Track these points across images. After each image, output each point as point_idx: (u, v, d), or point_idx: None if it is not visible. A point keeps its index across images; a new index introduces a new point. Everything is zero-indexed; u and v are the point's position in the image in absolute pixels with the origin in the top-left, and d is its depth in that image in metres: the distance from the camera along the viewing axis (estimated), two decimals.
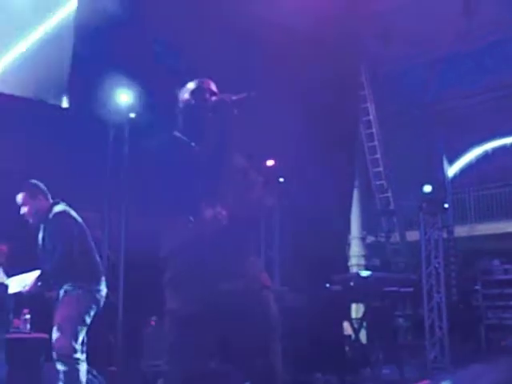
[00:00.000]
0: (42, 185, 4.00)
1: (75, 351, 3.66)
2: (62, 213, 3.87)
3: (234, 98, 2.26)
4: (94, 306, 3.82)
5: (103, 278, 3.95)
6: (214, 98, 2.32)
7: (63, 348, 3.64)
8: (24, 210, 3.90)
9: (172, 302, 2.18)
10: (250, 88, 2.34)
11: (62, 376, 3.63)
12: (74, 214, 3.96)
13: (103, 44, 6.87)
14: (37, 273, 3.81)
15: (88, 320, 3.78)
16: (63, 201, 4.01)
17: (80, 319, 3.73)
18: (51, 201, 3.95)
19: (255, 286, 2.24)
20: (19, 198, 3.91)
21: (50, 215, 3.85)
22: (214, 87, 2.42)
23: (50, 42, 7.00)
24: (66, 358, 3.63)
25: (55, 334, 3.68)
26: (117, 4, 6.78)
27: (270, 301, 2.28)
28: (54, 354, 3.66)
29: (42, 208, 3.89)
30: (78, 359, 3.67)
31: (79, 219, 3.97)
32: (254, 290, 2.23)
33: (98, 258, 4.02)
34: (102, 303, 3.89)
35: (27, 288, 3.80)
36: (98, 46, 6.85)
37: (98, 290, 3.86)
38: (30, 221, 3.92)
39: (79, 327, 3.72)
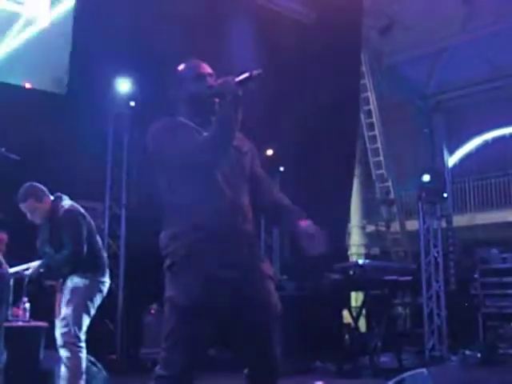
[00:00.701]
0: (39, 185, 3.96)
1: (79, 339, 3.71)
2: (72, 210, 3.88)
3: (237, 79, 2.17)
4: (98, 297, 3.86)
5: (107, 270, 3.98)
6: (217, 82, 2.24)
7: (68, 336, 3.68)
8: (33, 215, 3.88)
9: (171, 289, 2.16)
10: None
11: (64, 362, 3.68)
12: (79, 208, 3.97)
13: (103, 32, 6.85)
14: (39, 262, 3.84)
15: (92, 310, 3.83)
16: (62, 193, 4.02)
17: (85, 309, 3.77)
18: (52, 197, 3.95)
19: (256, 275, 2.23)
20: (26, 206, 3.86)
21: (59, 213, 3.85)
22: (209, 69, 2.36)
23: (50, 31, 6.98)
24: (70, 345, 3.68)
25: (60, 322, 3.72)
26: None
27: (271, 290, 2.26)
28: (58, 341, 3.70)
29: (47, 207, 3.90)
30: (81, 347, 3.72)
31: (85, 212, 3.98)
32: (254, 278, 2.21)
33: (103, 251, 4.05)
34: (105, 294, 3.92)
35: (28, 272, 3.82)
36: (97, 35, 6.83)
37: (103, 282, 3.90)
38: (38, 222, 3.93)
39: (84, 316, 3.76)
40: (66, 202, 3.93)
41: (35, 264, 3.86)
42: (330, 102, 9.02)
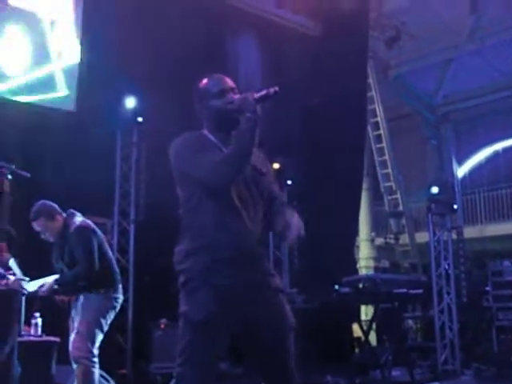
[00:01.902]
0: (51, 203, 4.00)
1: (92, 355, 3.74)
2: (83, 226, 3.91)
3: (256, 95, 2.22)
4: (111, 313, 3.88)
5: (120, 286, 4.00)
6: (237, 98, 2.29)
7: (81, 350, 3.71)
8: (46, 234, 3.92)
9: (185, 304, 2.20)
10: (260, 85, 2.32)
11: (78, 377, 3.70)
12: (91, 223, 3.99)
13: (111, 48, 6.91)
14: (54, 277, 3.86)
15: (105, 326, 3.85)
16: (74, 209, 4.05)
17: (98, 324, 3.79)
18: (64, 214, 3.97)
19: (268, 290, 2.26)
20: (38, 224, 3.90)
21: (71, 229, 3.87)
22: (231, 83, 2.40)
23: None
24: (84, 360, 3.70)
25: (74, 337, 3.74)
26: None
27: (283, 304, 2.30)
28: (72, 356, 3.72)
29: (60, 225, 3.92)
30: (95, 362, 3.74)
31: (96, 228, 4.01)
32: (267, 294, 2.25)
33: (115, 266, 4.06)
34: (117, 310, 3.95)
35: (44, 289, 3.83)
36: (105, 51, 6.89)
37: (116, 298, 3.92)
38: (51, 240, 3.95)
39: (97, 331, 3.78)
40: (78, 219, 3.95)
41: (50, 280, 3.87)
42: (337, 114, 9.03)
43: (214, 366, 2.21)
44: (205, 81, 2.42)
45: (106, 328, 3.87)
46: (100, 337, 3.81)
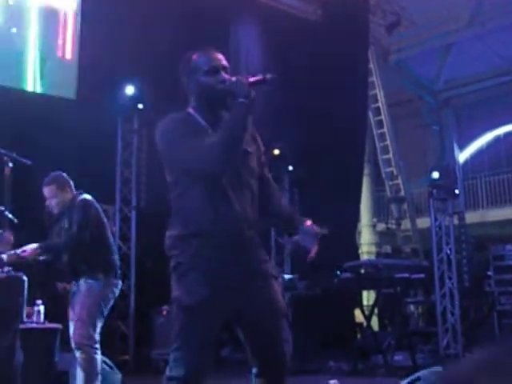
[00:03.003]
0: (67, 177, 4.06)
1: (94, 341, 3.74)
2: (88, 200, 3.96)
3: (250, 79, 2.15)
4: (111, 299, 3.89)
5: (119, 272, 4.01)
6: (231, 80, 2.19)
7: (83, 337, 3.71)
8: (52, 201, 3.95)
9: (176, 289, 2.18)
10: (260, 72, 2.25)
11: (80, 363, 3.71)
12: (95, 203, 4.02)
13: (110, 36, 6.87)
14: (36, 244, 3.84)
15: (105, 311, 3.86)
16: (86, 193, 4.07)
17: (99, 310, 3.80)
18: (75, 191, 4.00)
19: (259, 275, 2.23)
20: (48, 190, 3.94)
21: (75, 202, 3.91)
22: (224, 61, 2.30)
23: None
24: (85, 347, 3.71)
25: (75, 324, 3.75)
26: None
27: (275, 288, 2.27)
28: (73, 343, 3.73)
29: (68, 199, 3.95)
30: (96, 348, 3.76)
31: (100, 209, 4.03)
32: (257, 278, 2.22)
33: (115, 253, 4.07)
34: (116, 295, 3.95)
35: (25, 253, 3.80)
36: (105, 38, 6.86)
37: (116, 284, 3.92)
38: (55, 211, 3.97)
39: (97, 318, 3.79)
40: (85, 195, 3.99)
41: (32, 246, 3.85)
42: (338, 100, 8.99)
43: (209, 349, 2.18)
44: (196, 55, 2.32)
45: (105, 313, 3.87)
46: (100, 323, 3.81)
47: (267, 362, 2.25)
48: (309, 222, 2.33)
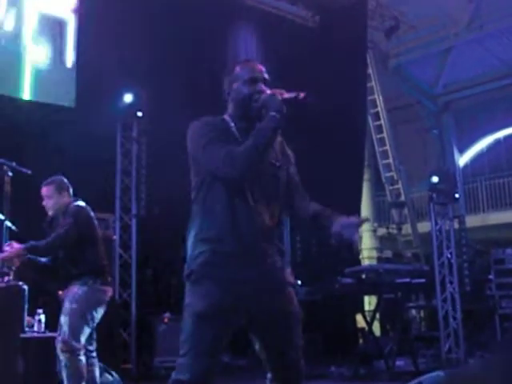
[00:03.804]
0: (67, 182, 4.10)
1: (75, 347, 3.70)
2: (82, 207, 4.00)
3: (285, 95, 2.22)
4: (99, 305, 3.85)
5: (109, 278, 3.99)
6: (266, 93, 2.26)
7: (63, 344, 3.71)
8: (48, 202, 3.98)
9: (189, 296, 2.21)
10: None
11: (64, 369, 3.71)
12: (90, 210, 4.04)
13: (109, 44, 6.90)
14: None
15: (91, 317, 3.81)
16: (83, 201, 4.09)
17: (82, 316, 3.76)
18: (72, 198, 4.01)
19: (275, 283, 2.26)
20: (46, 190, 4.00)
21: (69, 207, 3.93)
22: (266, 74, 2.39)
23: None
24: (66, 353, 3.70)
25: (59, 329, 3.76)
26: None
27: (291, 296, 2.31)
28: (57, 348, 3.73)
29: (64, 203, 3.97)
30: (79, 354, 3.72)
31: (93, 216, 4.05)
32: (273, 287, 2.25)
33: (105, 259, 4.05)
34: (106, 302, 3.91)
35: (9, 249, 3.77)
36: (104, 46, 6.88)
37: (104, 290, 3.89)
38: (50, 213, 3.99)
39: (80, 324, 3.75)
40: (80, 203, 4.01)
41: (17, 245, 3.84)
42: (337, 105, 9.00)
43: (216, 357, 2.20)
44: (239, 64, 2.41)
45: (93, 320, 3.83)
46: (86, 329, 3.77)
47: (281, 367, 2.28)
48: (344, 218, 2.34)
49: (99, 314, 3.87)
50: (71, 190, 4.09)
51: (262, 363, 2.32)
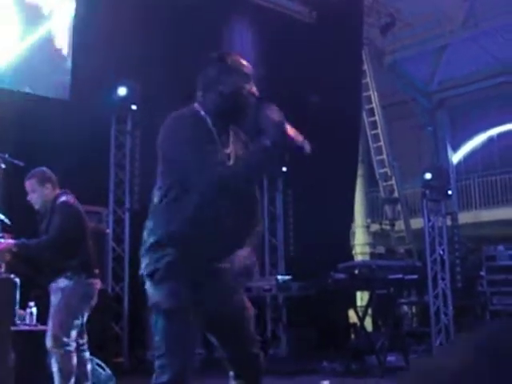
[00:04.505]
0: (50, 173, 4.02)
1: (62, 342, 3.69)
2: (68, 202, 3.92)
3: (291, 135, 2.09)
4: (86, 298, 3.83)
5: (96, 271, 3.96)
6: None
7: (50, 338, 3.70)
8: (32, 196, 3.94)
9: (155, 295, 2.17)
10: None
11: (53, 363, 3.71)
12: (78, 205, 4.00)
13: (104, 37, 6.86)
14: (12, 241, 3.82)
15: (80, 311, 3.80)
16: (71, 193, 4.05)
17: (70, 310, 3.75)
18: (58, 190, 3.98)
19: (231, 281, 2.23)
20: (28, 184, 3.94)
21: (57, 203, 3.88)
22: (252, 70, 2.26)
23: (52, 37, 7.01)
24: (54, 348, 3.69)
25: (48, 324, 3.75)
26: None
27: (243, 295, 2.31)
28: (47, 345, 3.72)
29: (49, 196, 3.92)
30: (68, 350, 3.71)
31: (82, 211, 4.00)
32: (230, 283, 2.23)
33: (92, 251, 4.01)
34: (94, 295, 3.88)
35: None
36: (98, 39, 6.85)
37: (90, 283, 3.86)
38: (36, 207, 3.96)
39: (69, 318, 3.74)
40: (67, 197, 3.95)
41: (9, 240, 3.83)
42: (332, 101, 8.99)
43: (192, 353, 2.20)
44: (231, 56, 2.23)
45: (83, 315, 3.82)
46: (75, 323, 3.75)
47: (242, 364, 2.28)
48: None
49: (88, 307, 3.85)
50: (55, 180, 3.99)
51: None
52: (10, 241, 3.81)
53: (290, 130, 2.09)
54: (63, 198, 3.91)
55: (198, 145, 2.08)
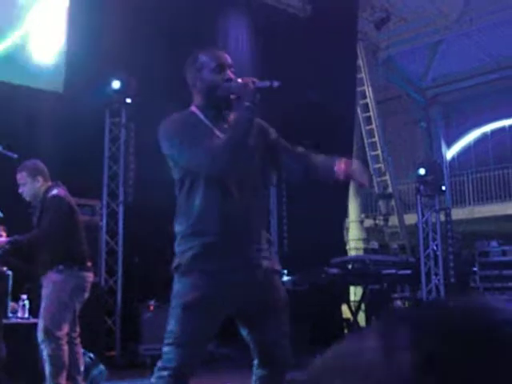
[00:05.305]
0: (42, 165, 3.99)
1: (54, 335, 3.67)
2: (59, 196, 3.89)
3: (258, 84, 2.18)
4: (78, 291, 3.81)
5: (89, 264, 3.93)
6: (237, 81, 2.21)
7: (42, 331, 3.68)
8: (23, 189, 3.91)
9: (177, 287, 2.22)
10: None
11: (45, 358, 3.68)
12: (69, 198, 3.97)
13: (98, 30, 6.83)
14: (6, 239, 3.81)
15: (71, 304, 3.77)
16: (63, 184, 4.02)
17: (61, 303, 3.72)
18: (50, 183, 3.95)
19: (260, 274, 2.26)
20: (19, 177, 3.91)
21: (49, 195, 3.85)
22: (230, 60, 2.33)
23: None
24: (45, 341, 3.67)
25: (39, 319, 3.73)
26: None
27: (277, 285, 2.34)
28: (38, 338, 3.71)
29: (40, 189, 3.89)
30: (59, 343, 3.68)
31: (73, 203, 3.98)
32: (258, 278, 2.25)
33: (84, 246, 3.98)
34: (87, 288, 3.86)
35: None
36: (93, 32, 6.81)
37: (82, 276, 3.83)
38: (27, 199, 3.94)
39: (60, 311, 3.72)
40: (58, 190, 3.92)
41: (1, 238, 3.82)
42: (326, 96, 8.99)
43: (202, 347, 2.23)
44: (203, 53, 2.34)
45: (75, 308, 3.80)
46: (68, 318, 3.74)
47: (269, 354, 2.30)
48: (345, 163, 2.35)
49: (80, 300, 3.82)
50: (46, 173, 3.97)
51: (246, 352, 2.33)
52: (3, 239, 3.79)
53: (255, 82, 2.20)
54: (54, 191, 3.88)
55: (192, 139, 2.19)
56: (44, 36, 6.94)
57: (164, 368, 2.15)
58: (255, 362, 2.32)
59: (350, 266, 6.62)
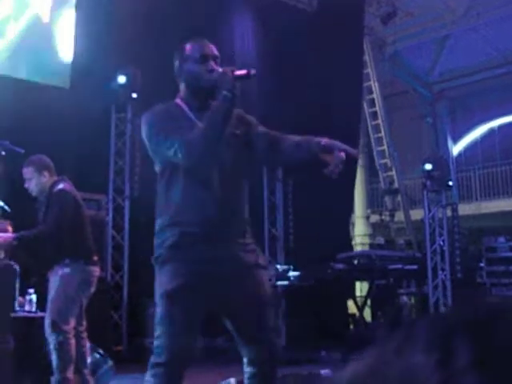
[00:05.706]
0: (48, 160, 4.00)
1: (61, 328, 3.67)
2: (65, 190, 3.89)
3: (236, 72, 2.18)
4: (84, 285, 3.81)
5: (95, 258, 3.94)
6: (216, 71, 2.23)
7: (49, 325, 3.69)
8: (29, 184, 3.92)
9: (158, 278, 2.21)
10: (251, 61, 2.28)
11: (51, 349, 3.69)
12: (75, 193, 3.97)
13: (105, 25, 6.83)
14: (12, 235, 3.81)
15: (78, 298, 3.78)
16: (68, 179, 4.03)
17: (68, 297, 3.73)
18: (56, 177, 3.96)
19: (242, 267, 2.23)
20: (25, 172, 3.92)
21: (53, 191, 3.86)
22: (215, 51, 2.34)
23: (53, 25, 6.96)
24: (52, 335, 3.67)
25: (46, 313, 3.74)
26: None
27: (260, 279, 2.28)
28: (45, 332, 3.72)
29: (46, 184, 3.90)
30: (66, 337, 3.69)
31: (79, 198, 3.99)
32: (240, 270, 2.22)
33: (90, 238, 3.98)
34: (93, 282, 3.87)
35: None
36: (99, 27, 6.81)
37: (88, 271, 3.84)
38: (33, 194, 3.94)
39: (67, 305, 3.72)
40: (64, 184, 3.92)
41: (8, 234, 3.82)
42: (332, 91, 8.96)
43: (191, 337, 2.20)
44: (189, 44, 2.36)
45: (82, 302, 3.81)
46: (75, 312, 3.75)
47: (255, 351, 2.25)
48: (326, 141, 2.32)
49: (86, 294, 3.83)
50: (52, 168, 3.97)
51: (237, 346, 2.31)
52: (10, 234, 3.80)
53: (235, 71, 2.20)
54: (60, 186, 3.88)
55: (163, 125, 2.22)
56: (51, 32, 6.94)
57: (156, 364, 2.13)
58: (244, 359, 2.28)
59: (355, 262, 6.60)
